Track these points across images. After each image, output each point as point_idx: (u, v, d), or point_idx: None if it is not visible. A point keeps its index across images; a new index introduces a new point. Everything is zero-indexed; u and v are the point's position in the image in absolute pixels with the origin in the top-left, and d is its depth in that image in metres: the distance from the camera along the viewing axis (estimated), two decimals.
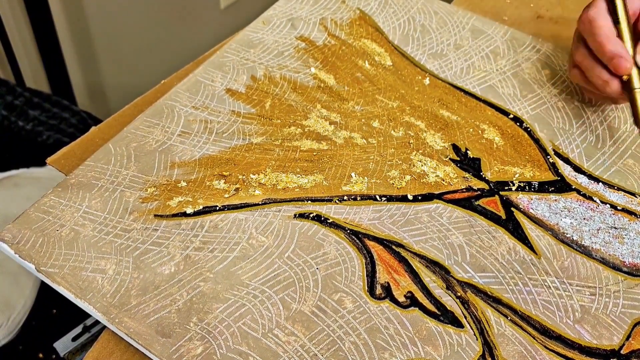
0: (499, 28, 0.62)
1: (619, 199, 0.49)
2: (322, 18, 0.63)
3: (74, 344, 0.50)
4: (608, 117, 0.55)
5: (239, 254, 0.45)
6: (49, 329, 0.80)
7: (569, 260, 0.45)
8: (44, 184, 0.83)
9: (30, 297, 0.79)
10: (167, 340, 0.40)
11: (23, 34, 1.08)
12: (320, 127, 0.53)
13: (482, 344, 0.41)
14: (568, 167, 0.51)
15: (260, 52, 0.59)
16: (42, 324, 0.80)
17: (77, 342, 0.50)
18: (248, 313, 0.42)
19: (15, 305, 0.77)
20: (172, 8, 1.31)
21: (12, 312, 0.77)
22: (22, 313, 0.78)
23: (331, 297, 0.43)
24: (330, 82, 0.57)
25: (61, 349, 0.50)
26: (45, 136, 0.87)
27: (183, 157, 0.51)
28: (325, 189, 0.49)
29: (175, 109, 0.54)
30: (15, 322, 0.77)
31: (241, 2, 1.45)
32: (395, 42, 0.61)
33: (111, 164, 0.50)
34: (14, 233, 0.45)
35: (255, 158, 0.51)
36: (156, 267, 0.44)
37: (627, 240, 0.47)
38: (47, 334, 0.79)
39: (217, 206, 0.47)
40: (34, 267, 0.44)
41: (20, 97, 0.91)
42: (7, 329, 0.76)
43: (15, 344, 0.78)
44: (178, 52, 1.35)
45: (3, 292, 0.77)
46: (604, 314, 0.43)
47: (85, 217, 0.46)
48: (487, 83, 0.58)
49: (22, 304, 0.78)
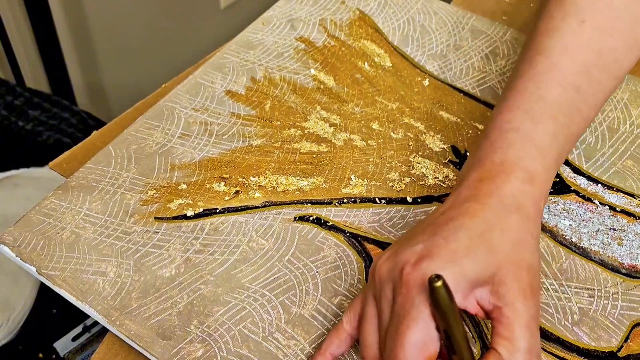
0: (499, 28, 0.62)
1: (618, 200, 0.49)
2: (321, 19, 0.63)
3: (74, 344, 0.50)
4: (607, 117, 0.55)
5: (239, 256, 0.45)
6: (49, 329, 0.80)
7: (567, 262, 0.46)
8: (44, 184, 0.84)
9: (30, 297, 0.79)
10: (168, 343, 0.41)
11: (23, 34, 1.08)
12: (320, 129, 0.53)
13: (480, 347, 0.41)
14: (567, 169, 0.51)
15: (260, 53, 0.59)
16: (42, 324, 0.80)
17: (77, 342, 0.50)
18: (248, 316, 0.42)
19: (15, 305, 0.77)
20: (172, 7, 1.31)
21: (12, 312, 0.77)
22: (22, 313, 0.78)
23: (331, 301, 0.43)
24: (330, 84, 0.57)
25: (61, 349, 0.50)
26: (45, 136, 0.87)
27: (183, 159, 0.51)
28: (325, 191, 0.49)
29: (175, 111, 0.54)
30: (15, 322, 0.77)
31: (241, 2, 1.45)
32: (395, 43, 0.61)
33: (111, 166, 0.50)
34: (15, 236, 0.45)
35: (255, 160, 0.51)
36: (157, 270, 0.44)
37: (625, 242, 0.47)
38: (47, 334, 0.79)
39: (217, 209, 0.48)
40: (35, 270, 0.44)
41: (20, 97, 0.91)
42: (7, 329, 0.77)
43: (15, 344, 0.78)
44: (178, 51, 1.35)
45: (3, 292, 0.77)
46: (603, 316, 0.43)
47: (86, 219, 0.47)
48: (487, 84, 0.58)
49: (22, 304, 0.78)
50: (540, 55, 0.44)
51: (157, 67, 1.31)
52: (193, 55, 0.61)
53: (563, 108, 0.42)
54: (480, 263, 0.35)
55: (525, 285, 0.35)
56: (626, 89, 0.57)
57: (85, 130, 0.92)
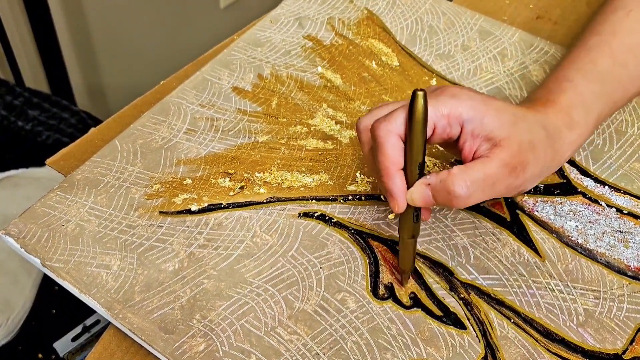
0: (507, 29, 0.62)
1: (625, 202, 0.49)
2: (329, 17, 0.63)
3: (73, 344, 0.50)
4: (615, 120, 0.55)
5: (243, 252, 0.45)
6: (48, 329, 0.80)
7: (573, 264, 0.45)
8: (44, 184, 0.84)
9: (29, 297, 0.79)
10: (170, 337, 0.41)
11: (22, 34, 1.08)
12: (326, 127, 0.53)
13: (484, 346, 0.41)
14: (574, 170, 0.51)
15: (267, 50, 0.59)
16: (42, 324, 0.80)
17: (77, 342, 0.50)
18: (251, 311, 0.42)
19: (15, 306, 0.77)
20: (171, 7, 1.31)
21: (12, 312, 0.77)
22: (22, 313, 0.78)
23: (334, 297, 0.43)
24: (337, 82, 0.57)
25: (61, 349, 0.50)
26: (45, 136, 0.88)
27: (189, 154, 0.51)
28: (330, 188, 0.49)
29: (181, 107, 0.54)
30: (15, 322, 0.77)
31: (241, 1, 1.45)
32: (403, 43, 0.61)
33: (117, 160, 0.50)
34: (20, 227, 0.46)
35: (261, 156, 0.51)
36: (160, 264, 0.44)
37: (632, 245, 0.46)
38: (46, 334, 0.79)
39: (222, 204, 0.48)
40: (39, 262, 0.44)
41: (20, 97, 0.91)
42: (7, 329, 0.77)
43: (14, 344, 0.78)
44: (177, 51, 1.35)
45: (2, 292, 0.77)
46: (608, 317, 0.43)
47: (90, 212, 0.47)
48: (495, 85, 0.57)
49: (22, 304, 0.78)
50: (592, 35, 0.51)
51: (156, 67, 1.31)
52: (193, 56, 0.61)
53: (609, 76, 0.48)
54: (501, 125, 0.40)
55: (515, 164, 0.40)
56: None
57: (85, 130, 0.92)
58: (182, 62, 0.62)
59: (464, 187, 0.38)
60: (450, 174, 0.39)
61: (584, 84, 0.47)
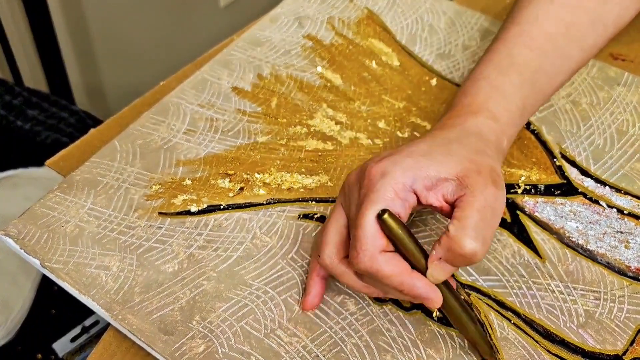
0: None
1: (626, 203, 0.49)
2: (329, 17, 0.63)
3: (72, 344, 0.50)
4: (616, 120, 0.54)
5: (243, 253, 0.45)
6: (47, 330, 0.79)
7: (573, 265, 0.45)
8: (43, 184, 0.83)
9: (29, 298, 0.78)
10: (170, 338, 0.40)
11: (22, 34, 1.08)
12: (326, 127, 0.53)
13: None
14: (575, 170, 0.51)
15: (267, 50, 0.59)
16: (41, 325, 0.79)
17: (76, 342, 0.50)
18: (251, 313, 0.42)
19: (14, 306, 0.77)
20: (171, 6, 1.30)
21: (11, 312, 0.77)
22: (21, 314, 0.78)
23: (334, 299, 0.43)
24: (337, 82, 0.57)
25: (60, 350, 0.50)
26: (44, 136, 0.87)
27: (188, 155, 0.51)
28: (330, 189, 0.49)
29: (181, 107, 0.54)
30: (14, 322, 0.77)
31: (241, 1, 1.44)
32: (403, 42, 0.61)
33: (116, 160, 0.50)
34: (19, 228, 0.45)
35: (261, 157, 0.51)
36: (160, 265, 0.44)
37: (633, 245, 0.46)
38: (46, 335, 0.78)
39: (221, 205, 0.47)
40: (38, 263, 0.44)
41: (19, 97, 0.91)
42: (6, 330, 0.76)
43: (13, 345, 0.78)
44: (177, 51, 1.35)
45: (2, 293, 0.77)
46: (608, 318, 0.42)
47: (90, 213, 0.46)
48: None
49: (21, 305, 0.78)
50: (513, 24, 0.49)
51: (156, 67, 1.31)
52: (193, 55, 0.61)
53: (528, 66, 0.47)
54: (440, 163, 0.38)
55: (487, 178, 0.38)
56: (635, 91, 0.56)
57: (84, 130, 0.92)
58: (181, 60, 0.61)
59: (472, 241, 0.36)
60: (450, 238, 0.36)
61: (500, 77, 0.46)
